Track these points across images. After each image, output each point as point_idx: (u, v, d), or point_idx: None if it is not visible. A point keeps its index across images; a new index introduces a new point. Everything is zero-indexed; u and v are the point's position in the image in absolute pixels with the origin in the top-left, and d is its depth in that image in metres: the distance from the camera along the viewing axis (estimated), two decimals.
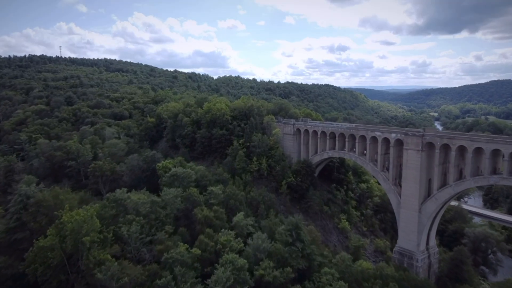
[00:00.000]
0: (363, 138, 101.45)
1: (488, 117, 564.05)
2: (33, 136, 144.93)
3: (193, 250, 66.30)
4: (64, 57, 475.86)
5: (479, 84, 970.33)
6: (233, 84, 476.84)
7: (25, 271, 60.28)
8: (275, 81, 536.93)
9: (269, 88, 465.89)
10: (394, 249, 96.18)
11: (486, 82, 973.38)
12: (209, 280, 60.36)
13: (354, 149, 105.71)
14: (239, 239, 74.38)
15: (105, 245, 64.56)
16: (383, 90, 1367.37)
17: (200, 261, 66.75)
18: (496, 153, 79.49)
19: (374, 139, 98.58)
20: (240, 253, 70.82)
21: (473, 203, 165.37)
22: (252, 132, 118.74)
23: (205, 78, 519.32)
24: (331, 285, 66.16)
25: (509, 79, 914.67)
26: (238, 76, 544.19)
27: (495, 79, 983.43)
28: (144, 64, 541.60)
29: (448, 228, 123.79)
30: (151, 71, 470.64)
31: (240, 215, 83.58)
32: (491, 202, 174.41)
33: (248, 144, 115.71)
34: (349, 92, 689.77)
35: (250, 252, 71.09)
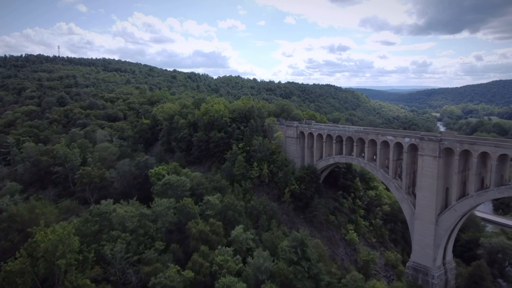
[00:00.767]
0: (373, 143, 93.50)
1: (491, 118, 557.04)
2: (21, 139, 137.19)
3: (185, 273, 58.33)
4: (61, 57, 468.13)
5: (481, 84, 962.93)
6: (233, 84, 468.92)
7: None
8: (276, 81, 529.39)
9: (270, 88, 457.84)
10: (408, 264, 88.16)
11: (488, 82, 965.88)
12: None
13: (363, 154, 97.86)
14: (238, 258, 66.45)
15: (85, 267, 56.60)
16: (384, 90, 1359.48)
17: (193, 285, 58.81)
18: None
19: (386, 144, 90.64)
20: (239, 274, 62.95)
21: (483, 209, 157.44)
22: (253, 135, 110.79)
23: (205, 78, 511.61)
24: None
25: (511, 79, 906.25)
26: (238, 76, 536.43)
27: (497, 79, 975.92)
28: (144, 64, 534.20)
29: (461, 238, 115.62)
30: (150, 71, 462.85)
31: (239, 229, 75.61)
32: (502, 208, 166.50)
33: (248, 149, 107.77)
34: (351, 92, 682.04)
35: (250, 273, 63.14)
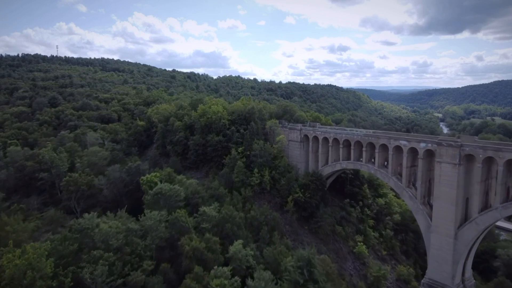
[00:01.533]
0: (384, 148, 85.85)
1: (494, 118, 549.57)
2: (8, 142, 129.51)
3: None
4: (59, 56, 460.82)
5: (483, 85, 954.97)
6: (233, 84, 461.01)
7: None
8: (276, 81, 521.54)
9: (271, 89, 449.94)
10: (423, 281, 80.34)
11: (490, 83, 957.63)
12: None
13: (373, 160, 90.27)
14: (236, 280, 58.82)
15: None
16: (385, 91, 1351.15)
17: None
18: None
19: (398, 149, 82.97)
20: None
21: None
22: (253, 139, 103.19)
23: (205, 78, 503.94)
24: None
25: None
26: (239, 76, 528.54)
27: (499, 80, 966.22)
28: (143, 64, 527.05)
29: (476, 248, 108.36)
30: (149, 71, 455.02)
31: (238, 244, 67.92)
32: None
33: (248, 153, 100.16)
34: (352, 93, 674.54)
35: None
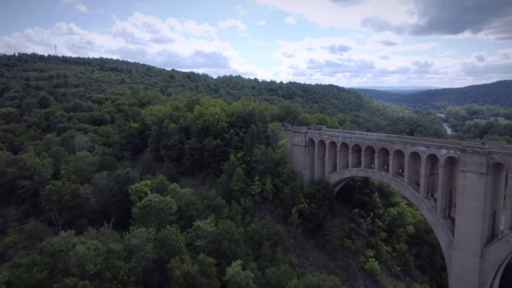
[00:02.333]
0: (400, 154, 77.44)
1: (498, 119, 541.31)
2: None
3: None
4: (56, 56, 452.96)
5: (485, 85, 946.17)
6: (234, 84, 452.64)
7: None
8: (277, 82, 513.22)
9: (272, 89, 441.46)
10: None
11: (492, 83, 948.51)
12: None
13: (386, 167, 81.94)
14: None
15: None
16: (386, 91, 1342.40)
17: None
18: None
19: (415, 156, 74.54)
20: None
21: None
22: (254, 143, 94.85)
23: (204, 78, 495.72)
24: None
25: None
26: (239, 76, 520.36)
27: (500, 80, 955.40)
28: (142, 64, 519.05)
29: None
30: (147, 70, 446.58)
31: (237, 266, 59.59)
32: None
33: (249, 159, 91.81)
34: (354, 93, 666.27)
35: None
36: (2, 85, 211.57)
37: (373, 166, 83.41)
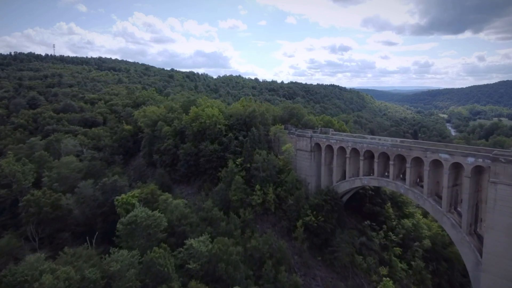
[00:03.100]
0: (418, 161, 69.16)
1: (501, 119, 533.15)
2: None
3: None
4: (53, 55, 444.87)
5: (487, 85, 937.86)
6: (234, 84, 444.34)
7: None
8: (278, 82, 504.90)
9: (272, 89, 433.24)
10: None
11: (495, 83, 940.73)
12: None
13: (401, 176, 73.65)
14: None
15: None
16: (387, 91, 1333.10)
17: None
18: None
19: (436, 164, 66.25)
20: None
21: None
22: (254, 148, 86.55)
23: (204, 78, 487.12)
24: None
25: None
26: (239, 76, 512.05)
27: (502, 80, 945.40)
28: (141, 63, 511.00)
29: None
30: (146, 70, 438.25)
31: None
32: None
33: (249, 166, 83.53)
34: (355, 93, 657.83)
35: None
36: None
37: (387, 175, 75.21)
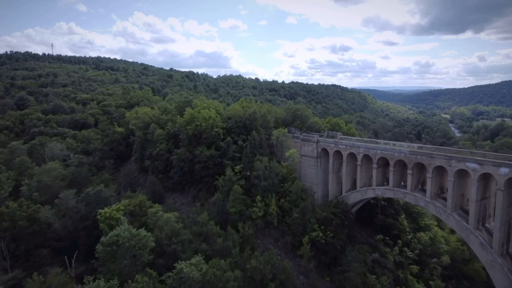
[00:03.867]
0: (440, 170, 61.11)
1: (505, 120, 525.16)
2: None
3: None
4: (50, 55, 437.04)
5: (490, 85, 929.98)
6: (234, 84, 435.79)
7: None
8: (279, 81, 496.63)
9: (273, 89, 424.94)
10: None
11: (497, 83, 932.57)
12: None
13: (420, 187, 65.56)
14: None
15: None
16: (387, 91, 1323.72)
17: None
18: None
19: (463, 174, 58.20)
20: None
21: None
22: (255, 154, 78.52)
23: (204, 78, 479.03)
24: None
25: None
26: (239, 76, 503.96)
27: (503, 80, 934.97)
28: (140, 63, 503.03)
29: None
30: (144, 70, 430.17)
31: None
32: None
33: (249, 174, 75.51)
34: (357, 93, 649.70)
35: None
36: None
37: (404, 184, 67.18)
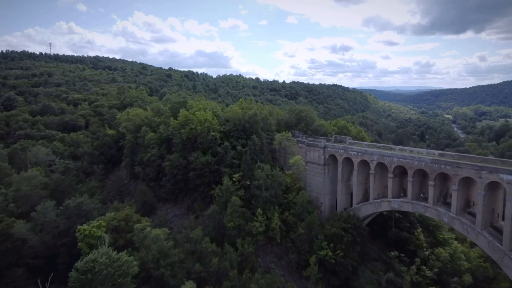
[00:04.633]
0: (467, 182, 53.48)
1: (508, 120, 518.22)
2: None
3: None
4: (47, 54, 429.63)
5: (491, 85, 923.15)
6: (234, 84, 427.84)
7: None
8: (279, 81, 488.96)
9: (274, 89, 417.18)
10: None
11: (499, 83, 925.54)
12: None
13: (443, 200, 57.94)
14: None
15: None
16: (388, 91, 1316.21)
17: None
18: None
19: (494, 186, 50.58)
20: None
21: None
22: (255, 161, 70.96)
23: (203, 77, 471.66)
24: None
25: None
26: (240, 75, 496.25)
27: (507, 80, 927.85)
28: (139, 62, 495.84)
29: None
30: (142, 69, 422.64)
31: None
32: None
33: (249, 183, 67.90)
34: (359, 93, 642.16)
35: None
36: None
37: (423, 196, 59.59)
